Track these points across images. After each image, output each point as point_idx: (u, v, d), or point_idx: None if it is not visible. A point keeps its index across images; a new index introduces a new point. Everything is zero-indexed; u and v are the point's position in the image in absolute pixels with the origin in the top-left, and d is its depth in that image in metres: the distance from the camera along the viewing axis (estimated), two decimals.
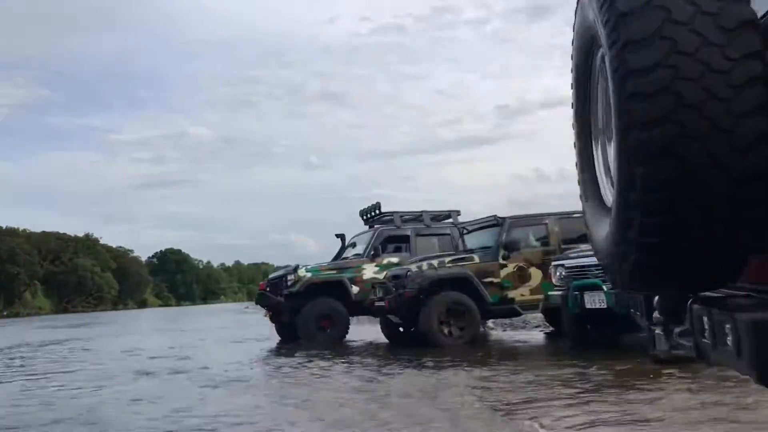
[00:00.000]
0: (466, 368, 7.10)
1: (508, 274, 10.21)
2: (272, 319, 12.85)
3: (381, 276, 11.71)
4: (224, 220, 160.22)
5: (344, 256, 13.13)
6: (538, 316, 12.64)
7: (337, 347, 10.57)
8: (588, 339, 8.36)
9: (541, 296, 9.77)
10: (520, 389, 5.58)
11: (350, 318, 12.02)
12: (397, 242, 12.69)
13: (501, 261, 10.22)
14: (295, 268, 12.06)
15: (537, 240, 10.63)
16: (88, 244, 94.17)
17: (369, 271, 12.08)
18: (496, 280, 10.14)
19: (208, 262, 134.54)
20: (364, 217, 13.66)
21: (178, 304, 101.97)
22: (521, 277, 10.27)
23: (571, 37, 1.91)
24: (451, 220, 13.16)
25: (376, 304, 10.70)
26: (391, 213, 12.89)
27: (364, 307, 11.65)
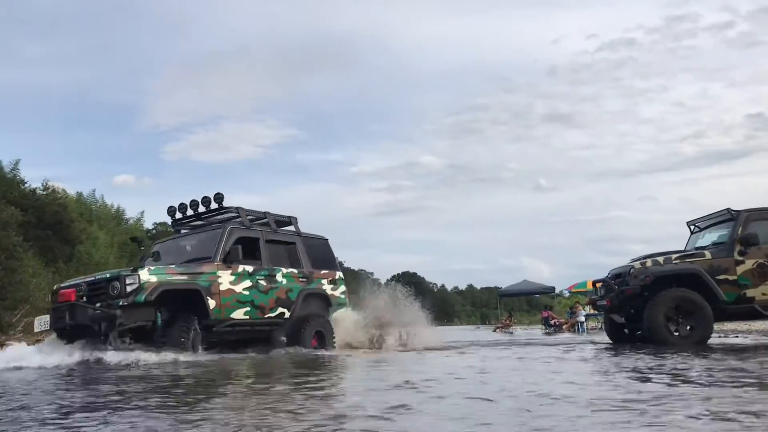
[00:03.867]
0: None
1: (745, 271, 9.36)
2: (64, 338, 8.66)
3: (238, 288, 9.31)
4: (456, 244, 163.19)
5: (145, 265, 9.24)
6: None
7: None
8: None
9: None
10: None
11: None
12: (246, 247, 9.60)
13: (737, 257, 9.42)
14: (135, 269, 8.51)
15: None
16: None
17: (225, 281, 9.20)
18: (731, 278, 9.34)
19: (442, 286, 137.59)
20: (190, 212, 10.46)
21: None
22: (762, 274, 9.36)
23: None
24: (292, 227, 10.92)
25: (598, 303, 10.38)
26: (236, 209, 10.25)
27: (221, 329, 9.09)
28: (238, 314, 9.29)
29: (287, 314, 10.01)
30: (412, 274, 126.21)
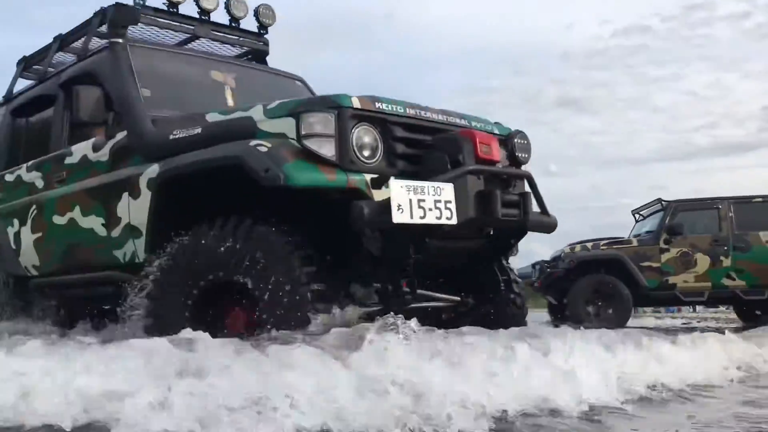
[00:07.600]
0: None
1: (669, 258, 9.70)
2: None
3: None
4: None
5: None
6: None
7: None
8: None
9: (707, 284, 9.51)
10: None
11: None
12: None
13: (662, 245, 9.80)
14: None
15: (706, 225, 10.04)
16: None
17: None
18: (655, 265, 9.69)
19: None
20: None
21: None
22: (685, 263, 9.71)
23: None
24: None
25: (533, 284, 10.84)
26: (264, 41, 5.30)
27: None
28: None
29: None
30: None
